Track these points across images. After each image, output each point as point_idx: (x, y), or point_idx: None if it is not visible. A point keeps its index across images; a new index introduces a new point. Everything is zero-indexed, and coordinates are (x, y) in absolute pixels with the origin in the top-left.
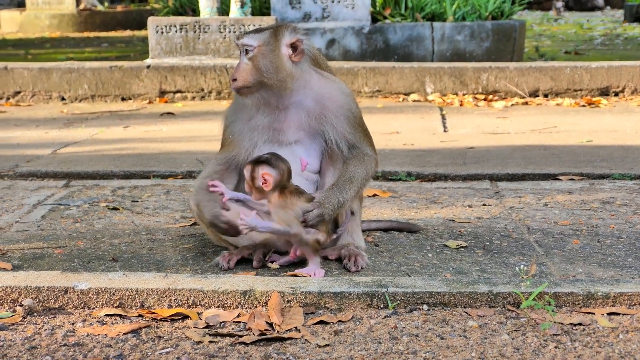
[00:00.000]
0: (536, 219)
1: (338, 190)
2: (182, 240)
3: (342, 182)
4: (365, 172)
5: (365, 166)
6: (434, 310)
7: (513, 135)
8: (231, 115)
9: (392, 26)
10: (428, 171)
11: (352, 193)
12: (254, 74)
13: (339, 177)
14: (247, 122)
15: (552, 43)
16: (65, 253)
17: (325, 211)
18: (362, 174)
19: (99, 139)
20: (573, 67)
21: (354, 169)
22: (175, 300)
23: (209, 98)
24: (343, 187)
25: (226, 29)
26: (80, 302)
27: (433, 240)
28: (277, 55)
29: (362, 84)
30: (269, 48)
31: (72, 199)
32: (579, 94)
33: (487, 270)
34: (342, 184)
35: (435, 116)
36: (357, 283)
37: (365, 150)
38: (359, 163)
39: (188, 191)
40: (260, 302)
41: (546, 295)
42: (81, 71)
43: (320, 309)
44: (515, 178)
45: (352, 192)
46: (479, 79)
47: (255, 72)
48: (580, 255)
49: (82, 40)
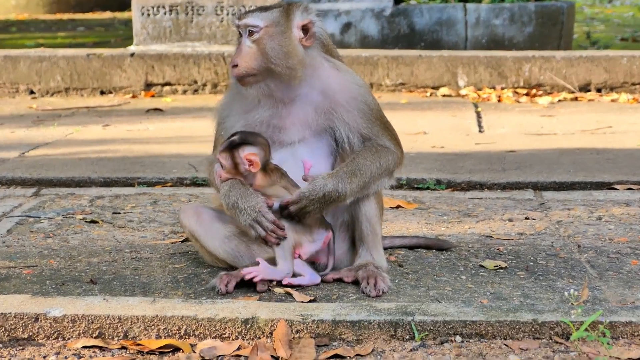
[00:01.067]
0: (588, 236)
1: (334, 180)
2: (172, 259)
3: (341, 172)
4: (378, 165)
5: (379, 158)
6: (469, 342)
7: (560, 136)
8: (225, 109)
9: (418, 8)
10: (461, 179)
11: (354, 187)
12: (259, 59)
13: (340, 167)
14: (243, 116)
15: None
16: (35, 274)
17: (309, 203)
18: (374, 166)
19: (74, 139)
20: (631, 56)
21: (361, 161)
22: (165, 329)
23: (203, 92)
24: (341, 177)
25: (224, 10)
26: (54, 331)
27: (467, 259)
28: (288, 38)
29: (383, 76)
30: (278, 29)
31: (43, 210)
32: (638, 88)
33: (530, 296)
34: (341, 175)
35: (468, 114)
36: (378, 310)
37: (382, 141)
38: (370, 154)
39: (179, 201)
40: (264, 332)
41: (600, 324)
42: (53, 60)
43: (335, 340)
44: (563, 187)
45: (354, 186)
46: (520, 70)
47: (261, 57)
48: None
49: (54, 23)
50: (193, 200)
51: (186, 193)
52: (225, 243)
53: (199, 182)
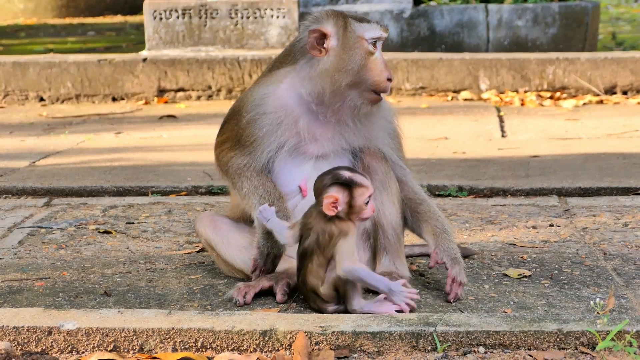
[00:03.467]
0: (614, 243)
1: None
2: (187, 270)
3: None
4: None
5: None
6: (492, 353)
7: (585, 141)
8: (259, 106)
9: (439, 9)
10: (483, 185)
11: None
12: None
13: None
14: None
15: (632, 29)
16: (48, 286)
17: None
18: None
19: (86, 147)
20: None
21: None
22: (181, 342)
23: (218, 97)
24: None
25: (238, 13)
26: (67, 344)
27: (490, 268)
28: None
29: (403, 80)
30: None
31: (55, 220)
32: None
33: (555, 305)
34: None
35: (491, 118)
36: (399, 321)
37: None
38: (426, 198)
39: (194, 210)
40: (283, 344)
41: (627, 334)
42: (63, 66)
43: (356, 352)
44: (588, 193)
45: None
46: (544, 72)
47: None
48: None
49: (64, 27)
50: (209, 209)
51: (201, 202)
52: (242, 252)
53: (214, 191)
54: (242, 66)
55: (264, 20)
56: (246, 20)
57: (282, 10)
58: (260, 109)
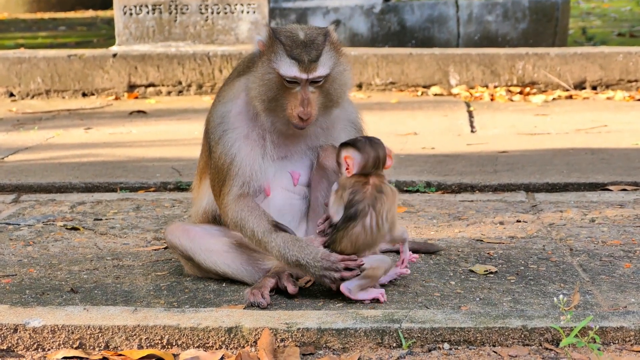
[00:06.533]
0: (581, 239)
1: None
2: (154, 266)
3: None
4: None
5: None
6: (457, 349)
7: (554, 136)
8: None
9: (409, 4)
10: (451, 181)
11: None
12: (322, 102)
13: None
14: (249, 124)
15: (603, 23)
16: (14, 283)
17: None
18: None
19: (55, 143)
20: (627, 53)
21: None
22: (147, 339)
23: (188, 93)
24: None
25: (208, 9)
26: (33, 342)
27: (456, 264)
28: (348, 72)
29: (373, 75)
30: (339, 69)
31: (23, 217)
32: (634, 85)
33: (520, 301)
34: None
35: (460, 113)
36: (364, 317)
37: None
38: None
39: (162, 207)
40: (248, 341)
41: (591, 330)
42: (33, 61)
43: (321, 348)
44: (556, 189)
45: None
46: (514, 68)
47: (323, 100)
48: (633, 281)
49: (35, 22)
50: (177, 205)
51: (170, 198)
52: (224, 256)
53: (182, 187)
54: (212, 61)
55: (234, 16)
56: (216, 15)
57: (252, 5)
58: (222, 127)
